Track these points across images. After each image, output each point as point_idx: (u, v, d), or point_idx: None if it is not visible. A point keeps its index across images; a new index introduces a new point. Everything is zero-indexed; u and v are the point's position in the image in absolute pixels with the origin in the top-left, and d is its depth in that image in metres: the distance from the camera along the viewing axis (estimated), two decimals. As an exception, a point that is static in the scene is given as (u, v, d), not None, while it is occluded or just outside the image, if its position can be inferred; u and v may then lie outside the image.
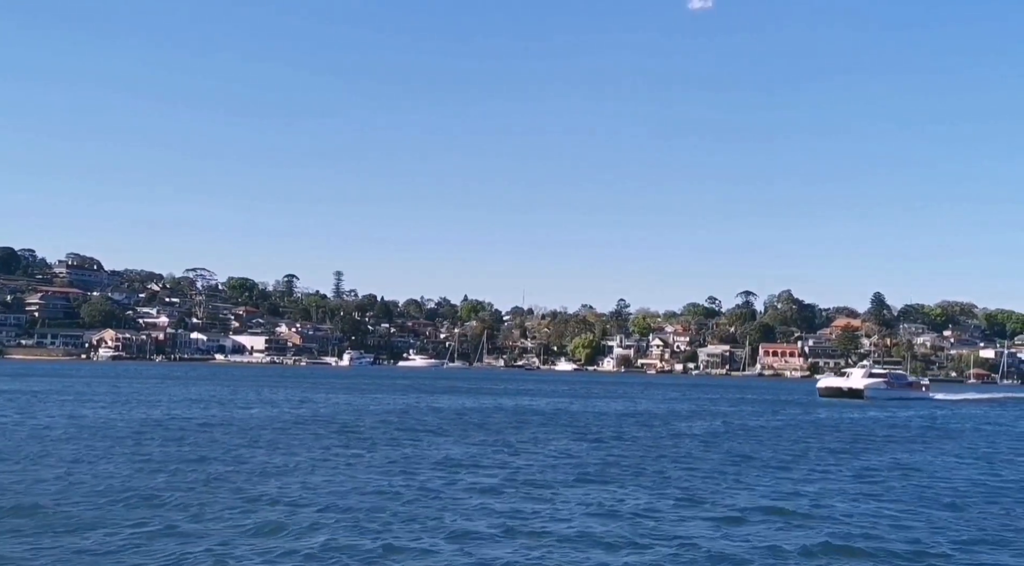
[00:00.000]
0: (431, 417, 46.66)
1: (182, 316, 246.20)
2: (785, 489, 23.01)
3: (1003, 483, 26.23)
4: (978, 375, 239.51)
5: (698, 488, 22.76)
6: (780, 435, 41.56)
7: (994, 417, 63.38)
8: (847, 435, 42.81)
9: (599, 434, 38.99)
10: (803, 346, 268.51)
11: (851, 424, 51.35)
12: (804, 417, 57.13)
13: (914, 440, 41.71)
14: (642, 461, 28.61)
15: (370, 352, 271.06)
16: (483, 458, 27.83)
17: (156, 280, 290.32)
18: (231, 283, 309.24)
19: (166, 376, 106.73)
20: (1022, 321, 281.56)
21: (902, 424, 52.80)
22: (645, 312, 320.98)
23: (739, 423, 48.48)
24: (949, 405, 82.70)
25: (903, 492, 23.48)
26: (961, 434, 46.92)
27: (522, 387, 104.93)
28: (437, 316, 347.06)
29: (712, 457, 30.29)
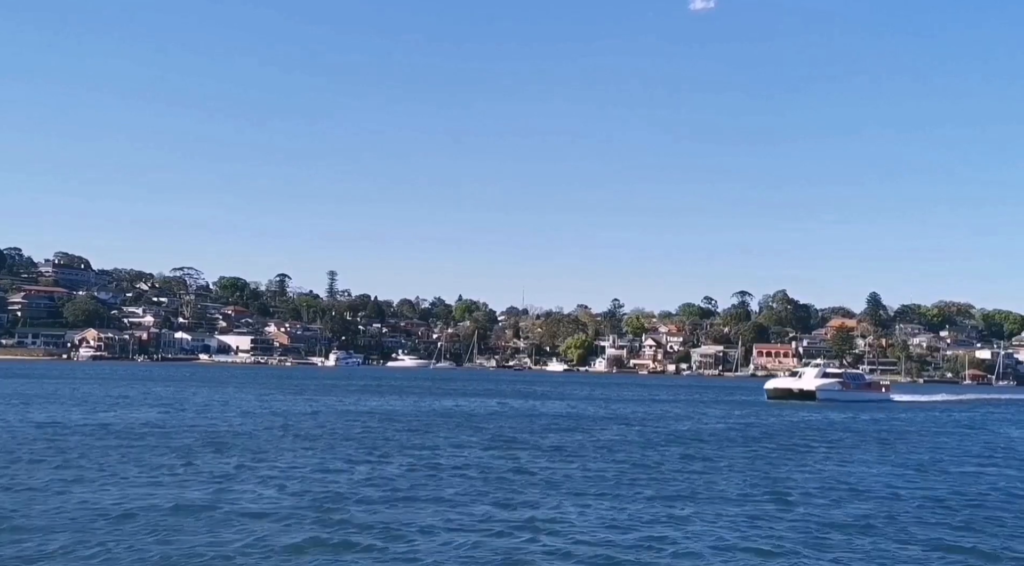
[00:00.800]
0: (326, 422, 43.79)
1: (168, 316, 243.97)
2: (620, 518, 19.44)
3: (920, 497, 23.29)
4: (974, 376, 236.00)
5: (477, 506, 19.80)
6: (690, 443, 37.25)
7: (951, 421, 59.29)
8: (775, 442, 38.95)
9: (456, 440, 36.11)
10: (797, 346, 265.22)
11: (788, 428, 48.01)
12: (743, 420, 53.35)
13: (854, 446, 38.37)
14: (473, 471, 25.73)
15: (360, 352, 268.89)
16: (293, 471, 25.04)
17: (146, 279, 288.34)
18: (222, 283, 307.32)
19: (132, 376, 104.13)
20: (1020, 322, 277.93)
21: (844, 428, 49.20)
22: (640, 312, 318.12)
23: (662, 429, 44.92)
24: (908, 407, 78.05)
25: (794, 523, 19.16)
26: (904, 438, 43.65)
27: (486, 387, 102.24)
28: (431, 316, 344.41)
29: (568, 471, 27.12)
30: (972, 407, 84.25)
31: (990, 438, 45.99)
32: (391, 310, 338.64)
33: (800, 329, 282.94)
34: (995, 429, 52.50)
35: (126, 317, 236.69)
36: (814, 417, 58.23)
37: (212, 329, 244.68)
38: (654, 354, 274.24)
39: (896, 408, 76.08)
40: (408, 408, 56.25)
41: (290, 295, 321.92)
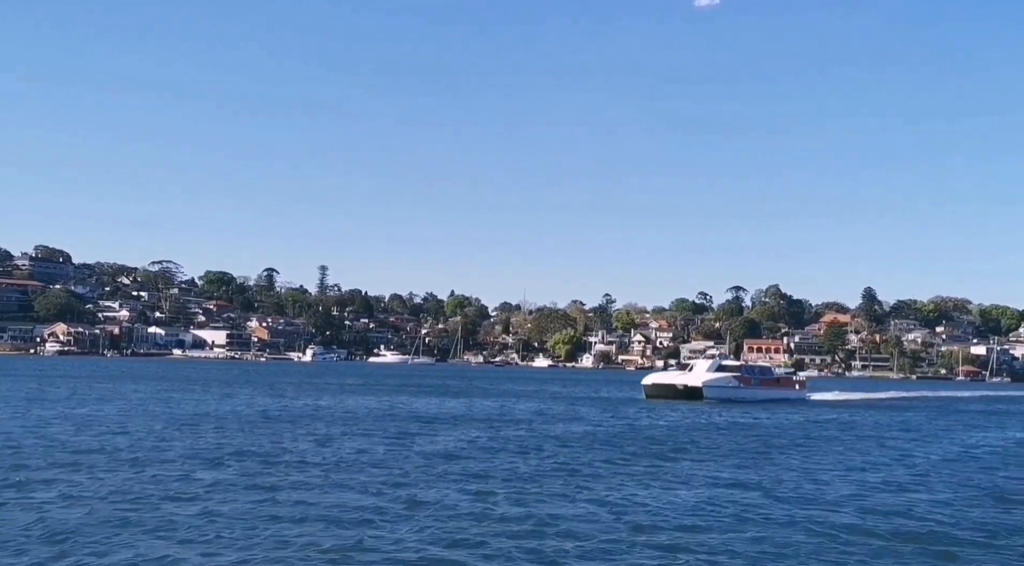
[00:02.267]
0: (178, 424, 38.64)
1: (145, 310, 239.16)
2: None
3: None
4: (968, 372, 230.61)
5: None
6: (496, 454, 28.24)
7: (856, 425, 46.93)
8: (603, 451, 30.20)
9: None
10: (789, 342, 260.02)
11: (632, 433, 38.04)
12: (599, 423, 44.32)
13: (702, 459, 28.84)
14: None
15: (345, 348, 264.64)
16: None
17: (128, 274, 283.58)
18: (208, 277, 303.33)
19: (61, 373, 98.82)
20: (1017, 317, 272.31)
21: (706, 430, 40.83)
22: (632, 307, 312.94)
23: (504, 433, 35.67)
24: (819, 408, 64.92)
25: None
26: (775, 450, 32.85)
27: (428, 383, 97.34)
28: (422, 312, 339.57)
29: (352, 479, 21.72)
30: (907, 408, 71.35)
31: (899, 445, 35.80)
32: (381, 306, 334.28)
33: (793, 325, 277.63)
34: (912, 433, 42.80)
35: (101, 311, 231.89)
36: (686, 421, 46.70)
37: (190, 324, 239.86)
38: (643, 350, 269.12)
39: (805, 408, 63.82)
40: (291, 407, 51.14)
41: (279, 290, 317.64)
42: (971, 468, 26.45)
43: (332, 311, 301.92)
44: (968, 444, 34.60)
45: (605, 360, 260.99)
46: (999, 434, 42.85)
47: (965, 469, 26.49)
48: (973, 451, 32.30)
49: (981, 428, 44.92)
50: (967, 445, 34.35)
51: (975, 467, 26.94)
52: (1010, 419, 59.83)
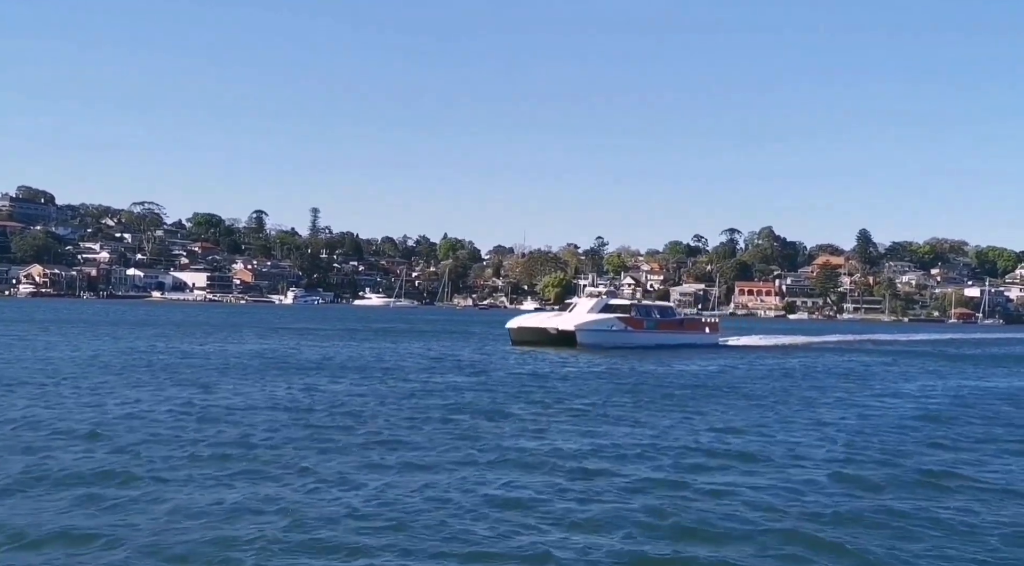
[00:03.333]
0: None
1: (126, 252, 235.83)
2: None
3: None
4: (961, 314, 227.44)
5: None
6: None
7: (748, 378, 36.45)
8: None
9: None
10: (780, 284, 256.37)
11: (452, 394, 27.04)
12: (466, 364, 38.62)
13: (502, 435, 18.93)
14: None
15: (331, 290, 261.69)
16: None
17: (112, 215, 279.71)
18: (196, 219, 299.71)
19: (16, 318, 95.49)
20: (1014, 259, 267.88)
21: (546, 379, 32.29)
22: (625, 250, 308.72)
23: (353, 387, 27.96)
24: (727, 355, 53.47)
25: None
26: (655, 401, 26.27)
27: (400, 326, 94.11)
28: (414, 255, 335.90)
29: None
30: (848, 349, 64.80)
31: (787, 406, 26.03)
32: (372, 248, 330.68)
33: (787, 267, 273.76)
34: (814, 385, 34.01)
35: (81, 253, 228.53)
36: (554, 369, 37.55)
37: (172, 266, 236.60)
38: (632, 293, 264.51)
39: (710, 355, 52.33)
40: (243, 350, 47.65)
41: (269, 232, 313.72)
42: (862, 431, 22.02)
43: (321, 254, 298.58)
44: (868, 405, 26.29)
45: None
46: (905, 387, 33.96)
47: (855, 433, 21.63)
48: (869, 411, 26.72)
49: (910, 379, 40.57)
50: (872, 403, 27.10)
51: (865, 430, 22.26)
52: (954, 366, 49.54)
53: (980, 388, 35.24)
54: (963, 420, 23.60)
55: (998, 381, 39.64)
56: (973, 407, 27.36)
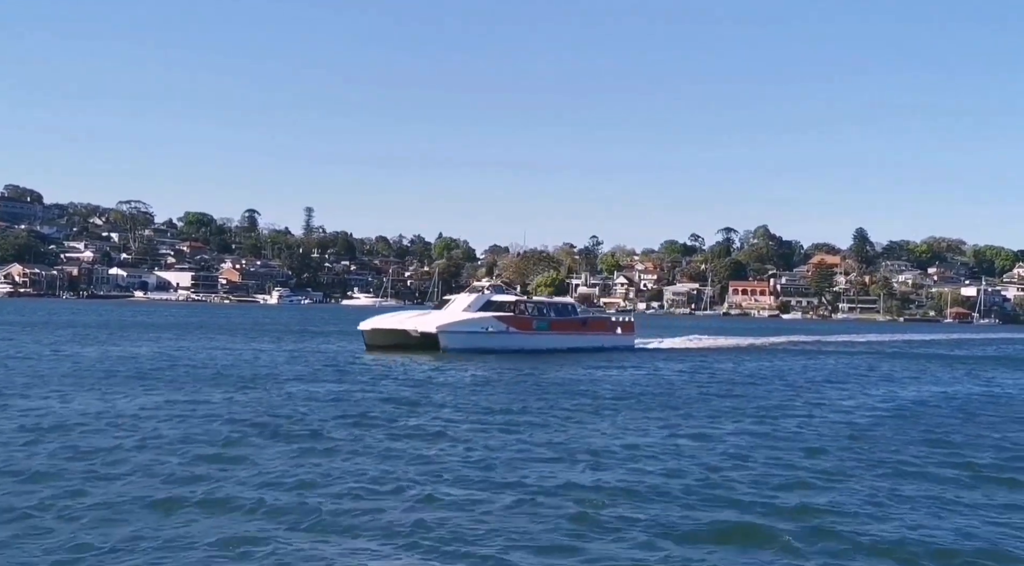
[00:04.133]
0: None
1: (110, 251, 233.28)
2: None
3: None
4: (957, 314, 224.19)
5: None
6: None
7: (647, 391, 29.34)
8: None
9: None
10: (775, 284, 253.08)
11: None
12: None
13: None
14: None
15: (321, 290, 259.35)
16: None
17: (100, 214, 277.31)
18: (188, 218, 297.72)
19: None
20: (1012, 258, 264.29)
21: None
22: (621, 250, 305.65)
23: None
24: (635, 360, 45.63)
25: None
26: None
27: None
28: (408, 254, 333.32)
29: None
30: (787, 351, 58.20)
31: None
32: (365, 248, 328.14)
33: (782, 266, 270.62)
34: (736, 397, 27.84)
35: (65, 252, 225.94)
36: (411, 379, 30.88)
37: (157, 265, 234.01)
38: (625, 292, 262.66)
39: (619, 359, 46.11)
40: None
41: (261, 232, 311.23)
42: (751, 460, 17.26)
43: (313, 253, 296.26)
44: (761, 416, 22.61)
45: (586, 303, 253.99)
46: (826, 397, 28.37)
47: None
48: (754, 427, 20.70)
49: (843, 381, 36.81)
50: (768, 416, 22.68)
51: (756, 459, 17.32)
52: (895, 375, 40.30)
53: (930, 394, 31.98)
54: (873, 438, 20.04)
55: (960, 386, 36.37)
56: (905, 418, 24.03)
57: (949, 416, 24.49)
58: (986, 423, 23.22)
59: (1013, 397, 31.72)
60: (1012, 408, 27.39)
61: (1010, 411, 26.46)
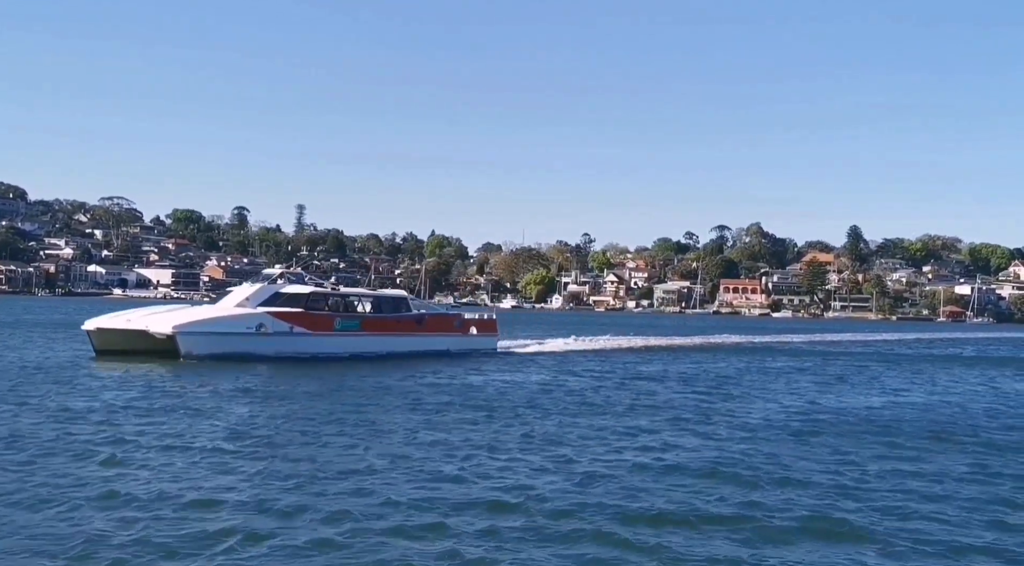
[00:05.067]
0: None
1: (91, 248, 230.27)
2: None
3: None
4: (951, 313, 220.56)
5: None
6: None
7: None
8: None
9: None
10: (767, 282, 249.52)
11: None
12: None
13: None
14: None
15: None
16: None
17: (86, 211, 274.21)
18: (176, 215, 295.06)
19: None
20: (1007, 256, 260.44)
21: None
22: (614, 247, 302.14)
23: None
24: (485, 367, 38.65)
25: None
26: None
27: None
28: (401, 252, 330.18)
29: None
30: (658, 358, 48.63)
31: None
32: (356, 246, 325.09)
33: (775, 264, 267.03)
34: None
35: (45, 249, 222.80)
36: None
37: (139, 262, 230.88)
38: (616, 291, 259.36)
39: (463, 364, 39.71)
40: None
41: (252, 229, 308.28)
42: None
43: (301, 250, 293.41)
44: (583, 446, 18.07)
45: (575, 301, 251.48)
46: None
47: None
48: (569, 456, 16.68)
49: (736, 387, 32.54)
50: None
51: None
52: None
53: (849, 407, 28.61)
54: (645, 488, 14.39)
55: (908, 395, 32.90)
56: (791, 439, 20.54)
57: (814, 444, 19.77)
58: (873, 447, 19.72)
59: (952, 411, 28.32)
60: (929, 425, 23.60)
61: (920, 429, 22.68)
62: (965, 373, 43.98)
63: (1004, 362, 55.44)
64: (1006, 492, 14.82)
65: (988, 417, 25.43)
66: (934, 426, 22.78)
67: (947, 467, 16.89)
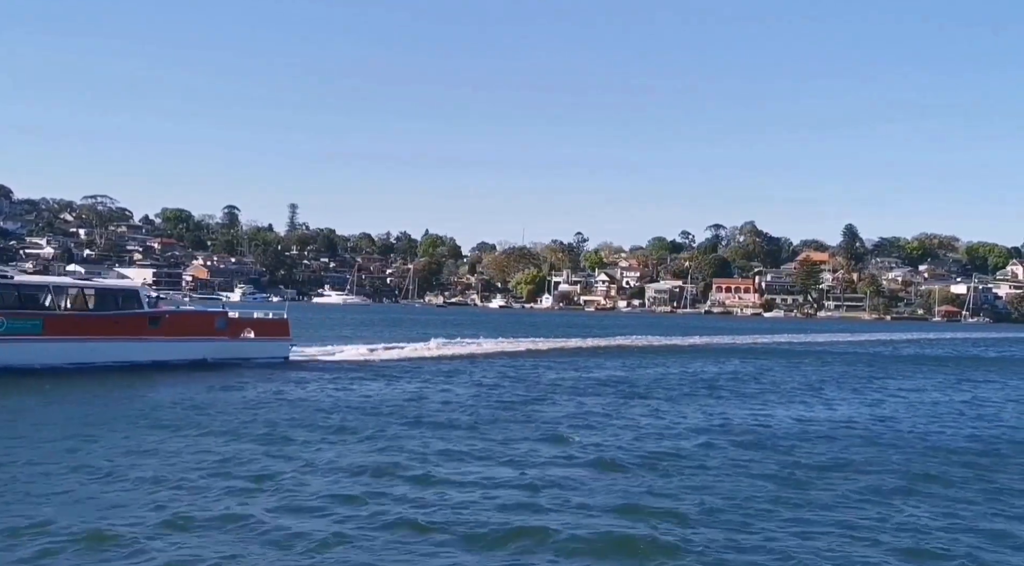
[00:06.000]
0: None
1: (73, 247, 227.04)
2: None
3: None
4: (947, 312, 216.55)
5: None
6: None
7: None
8: None
9: None
10: (760, 281, 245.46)
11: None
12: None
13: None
14: None
15: (296, 287, 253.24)
16: None
17: (73, 210, 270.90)
18: (165, 214, 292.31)
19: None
20: (1005, 255, 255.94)
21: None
22: (608, 247, 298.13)
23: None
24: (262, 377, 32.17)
25: None
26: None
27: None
28: (394, 251, 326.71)
29: None
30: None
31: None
32: (349, 245, 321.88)
33: (770, 263, 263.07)
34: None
35: (26, 248, 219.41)
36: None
37: (122, 262, 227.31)
38: (607, 290, 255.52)
39: (216, 377, 31.47)
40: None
41: (244, 228, 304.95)
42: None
43: (292, 250, 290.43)
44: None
45: (566, 301, 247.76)
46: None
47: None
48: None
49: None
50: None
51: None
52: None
53: (745, 424, 24.97)
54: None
55: (824, 410, 29.22)
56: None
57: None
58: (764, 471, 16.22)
59: (884, 427, 24.66)
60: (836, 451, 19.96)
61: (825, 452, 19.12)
62: (926, 379, 40.29)
63: (977, 364, 51.71)
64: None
65: (912, 440, 21.65)
66: (824, 450, 19.16)
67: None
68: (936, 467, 17.08)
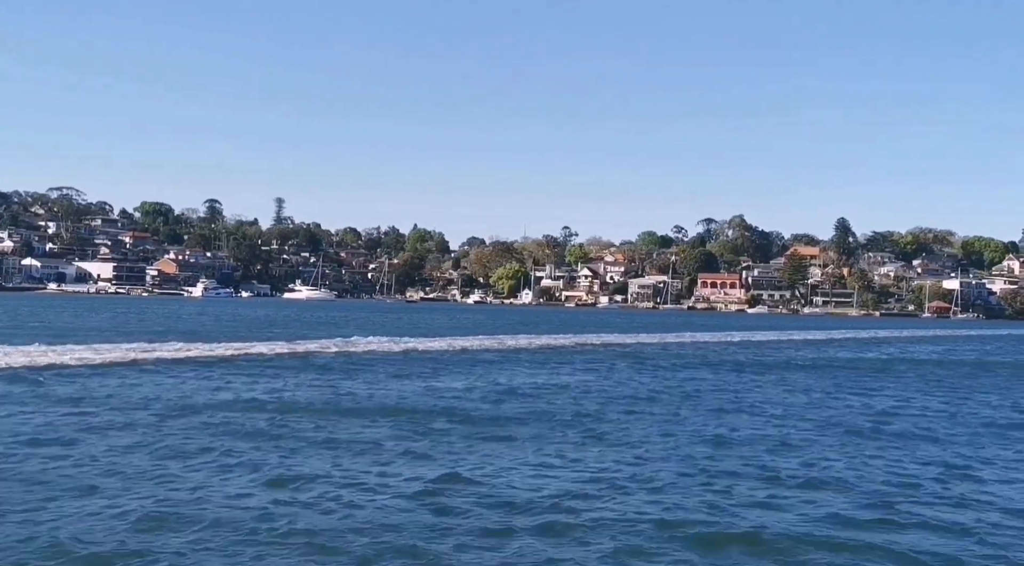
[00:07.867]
0: None
1: (37, 240, 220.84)
2: None
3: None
4: (938, 308, 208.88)
5: None
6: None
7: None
8: None
9: None
10: (746, 276, 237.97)
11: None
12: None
13: None
14: None
15: (271, 282, 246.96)
16: None
17: (43, 203, 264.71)
18: (144, 208, 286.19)
19: None
20: (1002, 250, 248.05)
21: None
22: (596, 241, 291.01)
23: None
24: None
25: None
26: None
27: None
28: (380, 246, 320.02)
29: None
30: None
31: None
32: (334, 239, 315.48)
33: (759, 258, 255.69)
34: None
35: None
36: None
37: (87, 256, 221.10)
38: (589, 285, 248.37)
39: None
40: None
41: (227, 222, 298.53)
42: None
43: (272, 244, 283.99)
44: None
45: (546, 296, 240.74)
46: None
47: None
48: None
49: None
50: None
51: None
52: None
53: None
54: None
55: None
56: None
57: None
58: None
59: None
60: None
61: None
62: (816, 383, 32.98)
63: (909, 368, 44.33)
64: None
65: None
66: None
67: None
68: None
